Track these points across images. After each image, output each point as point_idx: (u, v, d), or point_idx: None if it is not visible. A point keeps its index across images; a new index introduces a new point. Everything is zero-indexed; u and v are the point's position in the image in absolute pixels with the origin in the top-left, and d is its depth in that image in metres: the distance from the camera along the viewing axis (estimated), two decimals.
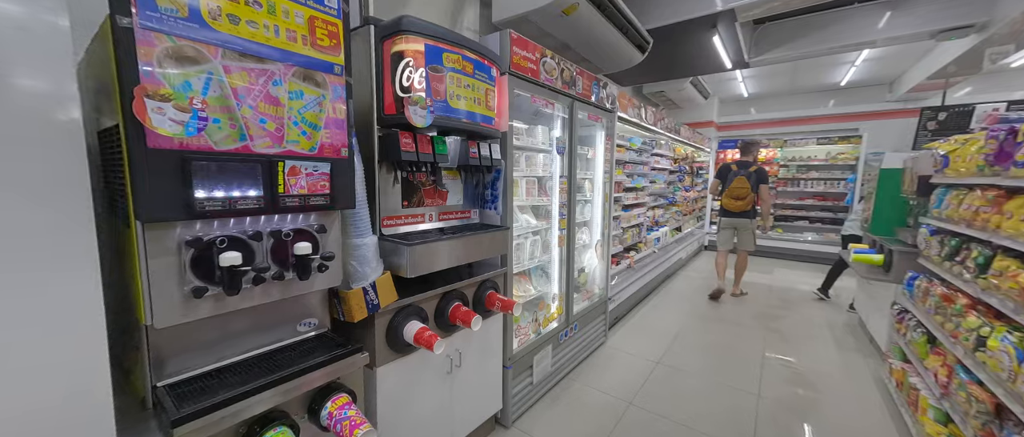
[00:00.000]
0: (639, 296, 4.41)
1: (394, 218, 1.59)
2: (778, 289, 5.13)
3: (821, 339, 3.55)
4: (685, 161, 6.84)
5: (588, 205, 3.29)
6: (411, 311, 1.55)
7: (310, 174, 1.07)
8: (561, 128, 2.61)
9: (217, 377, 1.04)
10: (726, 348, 3.32)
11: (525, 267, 2.51)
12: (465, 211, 1.96)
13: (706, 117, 7.95)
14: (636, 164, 4.66)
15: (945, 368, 1.99)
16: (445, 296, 1.70)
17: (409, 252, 1.42)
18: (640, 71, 5.30)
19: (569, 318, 2.78)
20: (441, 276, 1.75)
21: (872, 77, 6.52)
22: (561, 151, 2.54)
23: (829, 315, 4.16)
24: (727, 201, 4.54)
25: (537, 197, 2.61)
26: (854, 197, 6.39)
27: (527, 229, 2.56)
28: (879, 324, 3.21)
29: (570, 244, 2.72)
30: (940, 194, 2.47)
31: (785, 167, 7.34)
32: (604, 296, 3.31)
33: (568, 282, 2.74)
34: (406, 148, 1.43)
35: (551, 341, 2.57)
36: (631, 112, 3.79)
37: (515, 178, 2.44)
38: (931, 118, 4.68)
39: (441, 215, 1.82)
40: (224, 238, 0.95)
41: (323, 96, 1.08)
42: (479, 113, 1.67)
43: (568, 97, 2.51)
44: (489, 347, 2.03)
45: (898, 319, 2.68)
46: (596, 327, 3.20)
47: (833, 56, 5.47)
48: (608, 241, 3.35)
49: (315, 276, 1.17)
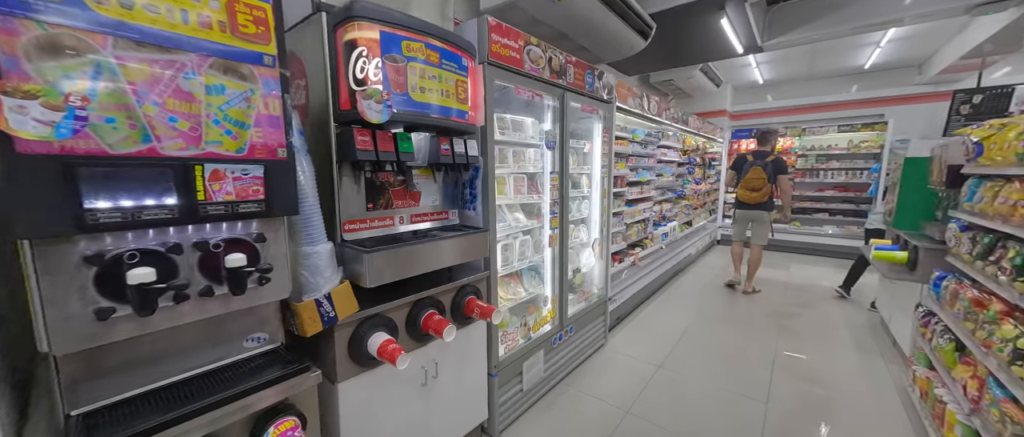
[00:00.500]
0: (644, 295, 4.23)
1: (358, 222, 1.48)
2: (795, 286, 4.87)
3: (839, 341, 3.32)
4: (696, 152, 6.56)
5: (585, 201, 3.13)
6: (378, 322, 1.45)
7: (239, 178, 0.96)
8: (551, 121, 2.46)
9: (142, 403, 0.95)
10: (735, 351, 3.14)
11: (515, 268, 2.39)
12: (442, 212, 1.84)
13: (719, 106, 7.62)
14: (640, 157, 4.46)
15: (976, 380, 1.78)
16: (417, 304, 1.59)
17: (367, 260, 1.31)
18: (645, 59, 5.06)
19: (563, 321, 2.65)
20: (416, 282, 1.65)
21: (899, 59, 6.09)
22: (551, 146, 2.39)
23: (849, 314, 3.91)
24: (742, 193, 4.37)
25: (527, 194, 2.48)
26: (878, 188, 6.02)
27: (517, 228, 2.43)
28: (903, 326, 2.97)
29: (563, 243, 2.58)
30: (972, 186, 2.23)
31: (803, 157, 6.97)
32: (603, 296, 3.16)
33: (561, 283, 2.61)
34: (363, 146, 1.31)
35: (543, 346, 2.45)
36: (632, 102, 3.59)
37: (502, 175, 2.31)
38: (965, 101, 4.32)
39: (414, 218, 1.70)
40: (135, 252, 0.85)
41: (251, 90, 0.97)
42: (451, 107, 1.54)
43: (557, 88, 2.36)
44: (471, 355, 1.92)
45: (923, 323, 2.45)
46: (594, 329, 3.06)
47: (855, 37, 5.10)
48: (607, 239, 3.19)
49: (256, 290, 1.07)
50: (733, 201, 4.63)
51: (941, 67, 5.65)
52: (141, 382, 1.00)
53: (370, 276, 1.32)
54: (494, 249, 1.96)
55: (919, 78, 6.26)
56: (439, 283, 1.70)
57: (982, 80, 5.12)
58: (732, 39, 4.29)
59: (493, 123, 1.89)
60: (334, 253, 1.30)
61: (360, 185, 1.49)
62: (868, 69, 6.50)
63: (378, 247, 1.37)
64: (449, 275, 1.83)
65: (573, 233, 3.00)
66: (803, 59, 6.10)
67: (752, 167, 4.26)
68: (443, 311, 1.70)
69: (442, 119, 1.51)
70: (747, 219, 4.48)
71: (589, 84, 2.66)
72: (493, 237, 1.93)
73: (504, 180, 2.32)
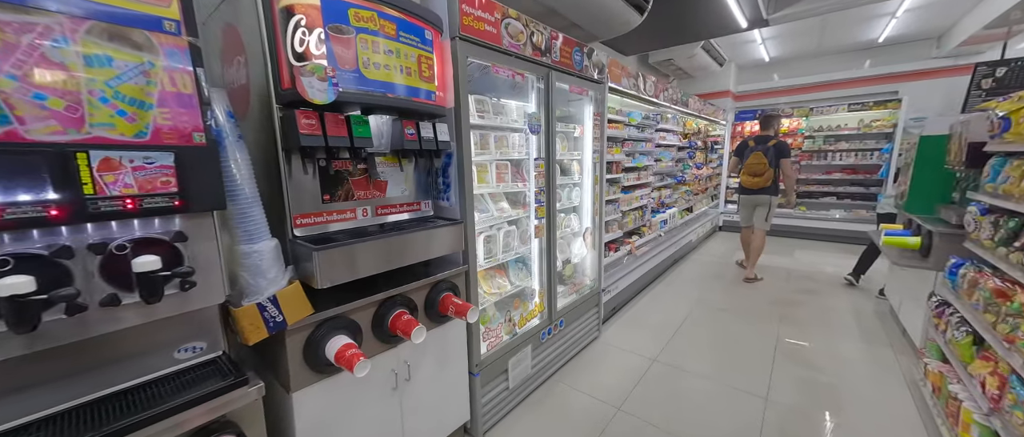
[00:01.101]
0: (641, 284, 4.10)
1: (311, 216, 1.35)
2: (799, 273, 4.70)
3: (845, 330, 3.18)
4: (697, 136, 6.33)
5: (576, 189, 2.97)
6: (338, 324, 1.33)
7: (141, 168, 0.82)
8: (536, 103, 2.28)
9: (38, 431, 0.84)
10: (734, 342, 3.01)
11: (499, 261, 2.25)
12: (413, 203, 1.69)
13: (722, 86, 7.32)
14: (637, 141, 4.27)
15: (996, 378, 1.64)
16: (385, 303, 1.47)
17: (318, 258, 1.18)
18: (643, 37, 4.81)
19: (552, 314, 2.52)
20: (386, 279, 1.52)
21: (916, 31, 5.76)
22: (535, 130, 2.22)
23: (856, 302, 3.76)
24: (745, 178, 4.32)
25: (512, 182, 2.32)
26: (889, 169, 5.78)
27: (501, 218, 2.28)
28: (913, 315, 2.82)
29: (550, 233, 2.44)
30: (996, 165, 2.04)
31: (811, 138, 6.71)
32: (597, 288, 3.03)
33: (550, 276, 2.47)
34: (308, 130, 1.16)
35: (531, 341, 2.33)
36: (626, 83, 3.38)
37: (483, 162, 2.16)
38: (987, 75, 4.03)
39: (380, 209, 1.56)
40: (7, 259, 0.72)
41: (149, 63, 0.82)
42: (414, 87, 1.38)
43: (541, 66, 2.17)
44: (450, 354, 1.80)
45: (936, 313, 2.30)
46: (587, 321, 2.93)
47: (869, 8, 4.80)
48: (601, 228, 3.04)
49: (178, 296, 0.94)
50: (737, 186, 4.60)
51: (962, 38, 5.32)
52: (34, 408, 0.88)
53: (321, 276, 1.19)
54: (472, 242, 1.82)
55: (937, 52, 5.92)
56: (413, 279, 1.58)
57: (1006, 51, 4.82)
58: (735, 12, 4.04)
59: (468, 105, 1.72)
60: (279, 251, 1.16)
61: (313, 175, 1.34)
62: (882, 43, 6.17)
63: (330, 243, 1.23)
64: (425, 270, 1.70)
65: (563, 222, 2.85)
66: (812, 33, 5.79)
67: (753, 152, 4.19)
68: (415, 310, 1.57)
69: (404, 100, 1.36)
70: (752, 204, 4.42)
71: (577, 63, 2.47)
72: (470, 229, 1.79)
73: (486, 167, 2.17)
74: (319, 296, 1.30)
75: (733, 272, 4.81)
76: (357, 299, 1.39)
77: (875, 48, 6.41)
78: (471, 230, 1.81)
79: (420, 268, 1.70)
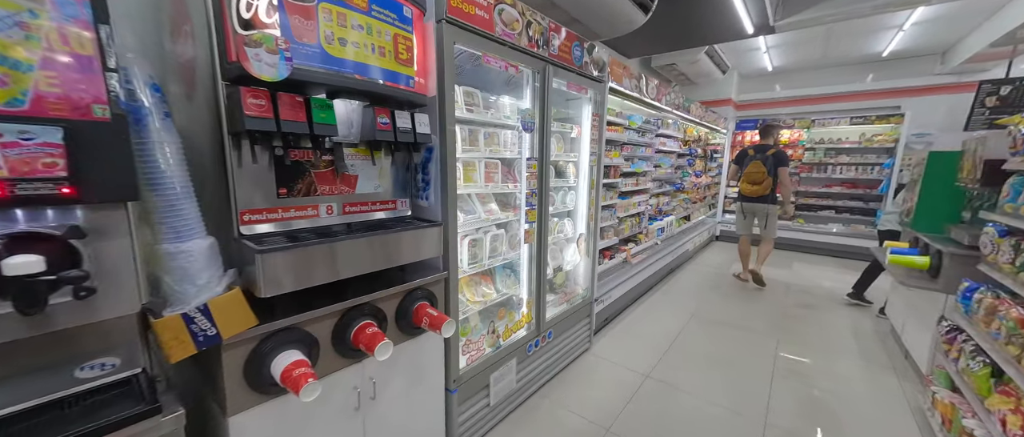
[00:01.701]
0: (636, 294, 3.95)
1: (264, 212, 1.17)
2: (797, 286, 4.58)
3: (845, 350, 3.04)
4: (697, 143, 6.20)
5: (571, 192, 2.81)
6: (290, 337, 1.15)
7: (13, 144, 0.65)
8: (531, 99, 2.12)
9: None
10: (730, 359, 2.86)
11: (485, 266, 2.09)
12: (388, 202, 1.52)
13: (723, 94, 7.22)
14: (637, 146, 4.12)
15: (1020, 416, 1.50)
16: (349, 313, 1.30)
17: (261, 261, 1.01)
18: (646, 39, 4.67)
19: (540, 325, 2.36)
20: (355, 285, 1.34)
21: (921, 46, 5.69)
22: (528, 127, 2.06)
23: (855, 320, 3.63)
24: (744, 186, 4.39)
25: (502, 183, 2.16)
26: (890, 185, 5.69)
27: (489, 221, 2.12)
28: (918, 338, 2.69)
29: (541, 239, 2.28)
30: (1017, 184, 1.91)
31: (811, 150, 6.61)
32: (589, 297, 2.87)
33: (539, 284, 2.31)
34: (256, 112, 0.99)
35: (516, 354, 2.17)
36: (628, 84, 3.24)
37: (471, 159, 1.99)
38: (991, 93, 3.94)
39: (349, 207, 1.39)
40: None
41: (31, 12, 0.65)
42: (390, 70, 1.22)
43: (537, 59, 2.02)
44: (424, 369, 1.63)
45: (947, 339, 2.16)
46: (577, 333, 2.78)
47: (875, 20, 4.71)
48: (595, 234, 2.89)
49: (72, 306, 0.77)
50: (735, 195, 4.61)
51: (967, 55, 5.25)
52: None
53: (265, 283, 1.02)
54: (454, 246, 1.66)
55: (941, 68, 5.86)
56: (387, 285, 1.41)
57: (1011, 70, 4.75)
58: (742, 17, 3.91)
59: (454, 95, 1.56)
60: (215, 252, 0.99)
61: (268, 165, 1.17)
62: (886, 57, 6.09)
63: (279, 245, 1.06)
64: (400, 276, 1.53)
65: (556, 227, 2.69)
66: (817, 43, 5.69)
67: (752, 161, 4.26)
68: (384, 321, 1.40)
69: (376, 84, 1.19)
70: (750, 212, 4.47)
71: (577, 58, 2.31)
72: (452, 232, 1.63)
73: (474, 165, 2.01)
74: (273, 304, 1.13)
75: (729, 283, 4.68)
76: (317, 308, 1.21)
77: (879, 62, 6.34)
78: (453, 233, 1.64)
79: (395, 273, 1.53)
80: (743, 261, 4.66)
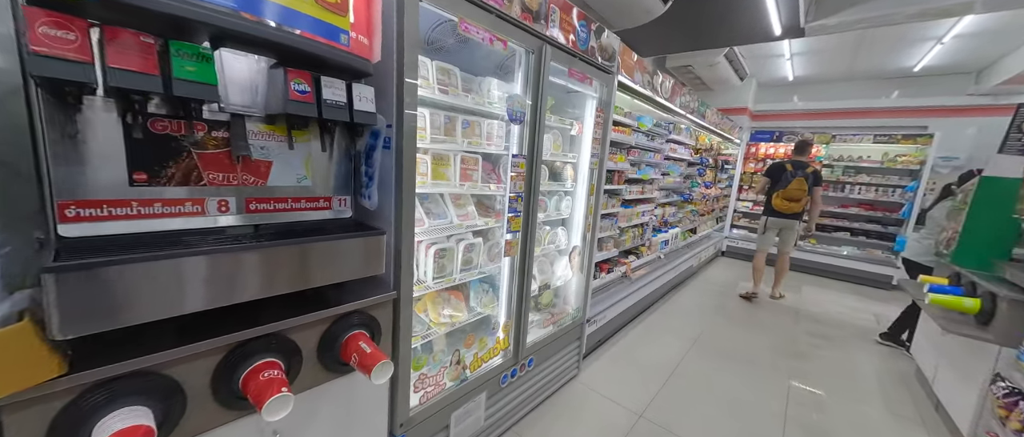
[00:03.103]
0: (634, 311, 3.60)
1: (104, 205, 0.82)
2: (807, 314, 4.22)
3: (865, 394, 2.68)
4: (709, 152, 5.83)
5: (567, 198, 2.46)
6: (131, 388, 0.81)
7: None
8: (523, 84, 1.77)
9: None
10: (736, 398, 2.51)
11: (456, 280, 1.74)
12: (317, 199, 1.17)
13: (740, 102, 6.84)
14: (645, 150, 3.76)
15: None
16: (240, 349, 0.95)
17: (49, 284, 0.66)
18: (662, 35, 4.31)
19: (519, 352, 2.01)
20: (270, 308, 1.00)
21: (955, 63, 5.30)
22: (516, 118, 1.71)
23: (872, 356, 3.27)
24: (780, 202, 4.24)
25: (482, 183, 1.81)
26: (912, 210, 5.31)
27: (463, 227, 1.77)
28: (957, 391, 2.33)
29: (526, 251, 1.92)
30: None
31: (829, 167, 6.22)
32: (580, 318, 2.52)
33: (520, 304, 1.96)
34: (58, 50, 0.64)
35: (487, 386, 1.82)
36: (640, 79, 2.87)
37: (445, 152, 1.65)
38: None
39: (254, 204, 1.04)
40: None
41: None
42: (312, 16, 0.87)
43: (532, 35, 1.66)
44: (357, 413, 1.29)
45: (1004, 404, 1.80)
46: (564, 359, 2.43)
47: (914, 30, 4.33)
48: (592, 247, 2.53)
49: None
50: (764, 209, 4.49)
51: (1005, 77, 4.87)
52: None
53: (61, 317, 0.67)
54: (407, 259, 1.31)
55: (974, 88, 5.46)
56: (312, 307, 1.06)
57: None
58: (772, 15, 3.54)
59: (414, 66, 1.21)
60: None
61: (111, 136, 0.82)
62: (917, 72, 5.70)
63: (89, 259, 0.71)
64: (338, 296, 1.19)
65: (546, 237, 2.34)
66: (846, 53, 5.31)
67: (796, 177, 4.13)
68: (295, 357, 1.05)
69: (282, 33, 0.84)
70: (781, 227, 4.38)
71: (582, 40, 1.96)
72: (405, 242, 1.28)
73: (446, 159, 1.66)
74: (111, 339, 0.79)
75: (735, 304, 4.32)
76: (196, 341, 0.87)
77: (906, 78, 5.94)
78: (407, 243, 1.30)
79: (332, 292, 1.18)
80: (756, 277, 4.54)
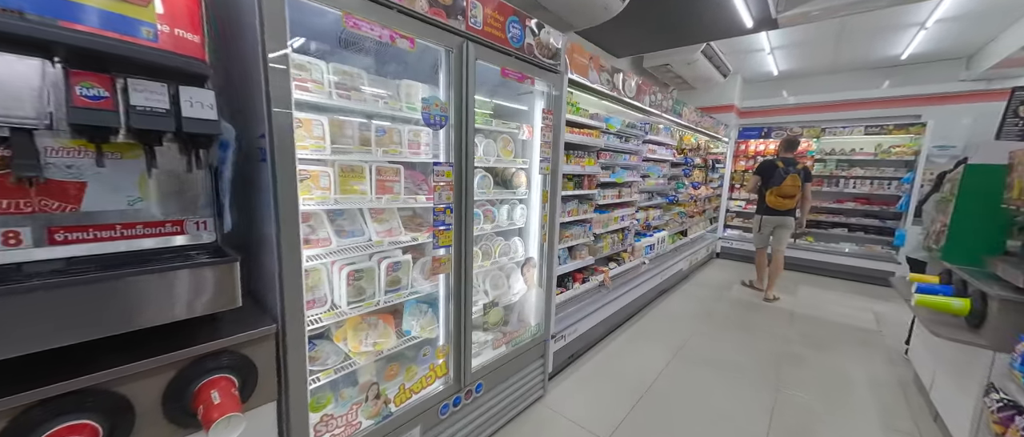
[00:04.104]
0: (615, 321, 3.41)
1: None
2: (802, 316, 4.00)
3: (860, 406, 2.47)
4: (695, 152, 5.67)
5: (521, 207, 2.31)
6: None
7: None
8: (445, 86, 1.64)
9: None
10: (717, 413, 2.31)
11: (381, 304, 1.59)
12: (165, 223, 1.01)
13: (726, 100, 6.70)
14: (618, 152, 3.61)
15: None
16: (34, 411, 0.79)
17: None
18: (634, 35, 4.19)
19: (463, 377, 1.84)
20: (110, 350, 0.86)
21: (944, 49, 5.12)
22: (435, 123, 1.56)
23: (870, 363, 3.04)
24: (774, 199, 4.25)
25: (407, 195, 1.67)
26: (909, 202, 5.09)
27: (385, 244, 1.63)
28: (953, 401, 2.12)
29: (461, 268, 1.77)
30: None
31: (821, 162, 6.02)
32: (542, 334, 2.35)
33: (461, 325, 1.80)
34: None
35: (420, 420, 1.65)
36: (596, 78, 2.73)
37: (356, 163, 1.51)
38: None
39: (62, 233, 0.88)
40: None
41: None
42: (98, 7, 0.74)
43: (447, 32, 1.53)
44: None
45: (999, 419, 1.60)
46: (525, 380, 2.25)
47: (894, 17, 4.17)
48: (550, 258, 2.37)
49: None
50: (757, 207, 4.51)
51: (995, 60, 4.69)
52: None
53: None
54: (292, 287, 1.16)
55: (966, 74, 5.28)
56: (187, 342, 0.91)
57: None
58: (739, 7, 3.41)
59: (285, 67, 1.07)
60: None
61: None
62: (905, 60, 5.53)
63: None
64: (214, 330, 1.03)
65: (497, 248, 2.19)
66: (828, 44, 5.16)
67: (789, 175, 4.13)
68: (123, 417, 0.89)
69: (43, 25, 0.70)
70: (776, 225, 4.38)
71: (514, 38, 1.82)
72: (290, 266, 1.13)
73: (359, 171, 1.52)
74: None
75: (725, 308, 4.12)
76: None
77: (897, 66, 5.77)
78: (293, 268, 1.15)
79: (199, 328, 1.03)
80: (760, 273, 4.62)
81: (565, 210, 2.91)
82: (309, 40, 1.40)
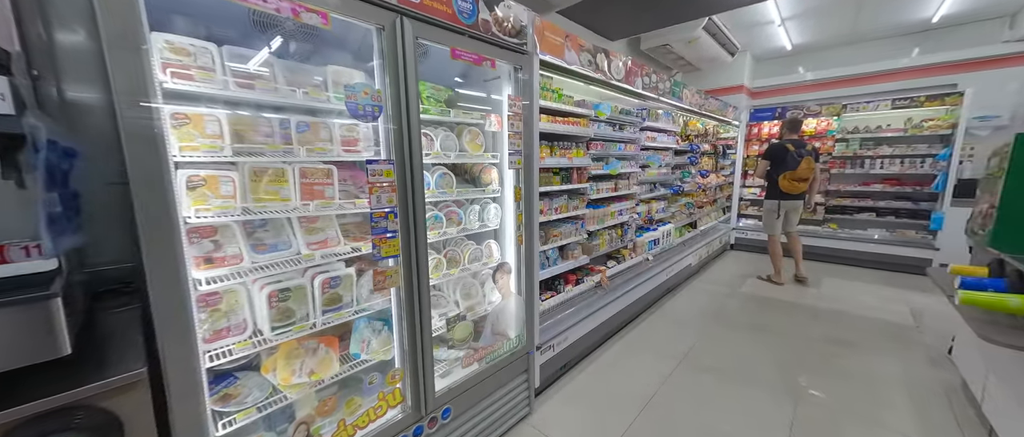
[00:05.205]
0: (614, 325, 3.14)
1: None
2: (827, 312, 3.62)
3: (895, 422, 2.13)
4: (703, 138, 5.29)
5: (494, 206, 2.07)
6: None
7: None
8: (379, 70, 1.41)
9: None
10: (727, 432, 2.02)
11: (318, 326, 1.39)
12: None
13: (735, 80, 6.25)
14: (612, 142, 3.32)
15: None
16: None
17: None
18: (627, 14, 3.87)
19: (424, 403, 1.62)
20: None
21: (981, 8, 4.59)
22: (365, 114, 1.34)
23: (907, 364, 2.67)
24: (788, 184, 4.11)
25: (344, 199, 1.46)
26: (947, 181, 4.60)
27: (318, 257, 1.42)
28: (1012, 414, 1.77)
29: (414, 280, 1.54)
30: None
31: (843, 141, 5.54)
32: (524, 346, 2.11)
33: (417, 344, 1.57)
34: None
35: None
36: (575, 58, 2.45)
37: (274, 166, 1.30)
38: None
39: None
40: None
41: None
42: None
43: (375, 5, 1.30)
44: None
45: None
46: (504, 400, 2.01)
47: None
48: (530, 262, 2.12)
49: None
50: (768, 193, 4.32)
51: None
52: None
53: None
54: (176, 318, 0.96)
55: (1009, 34, 4.70)
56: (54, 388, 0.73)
57: None
58: None
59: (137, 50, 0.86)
60: None
61: None
62: (936, 23, 4.99)
63: None
64: (66, 380, 0.85)
65: (468, 254, 1.96)
66: (846, 11, 4.69)
67: (804, 158, 4.01)
68: None
69: None
70: (791, 209, 4.27)
71: (464, 11, 1.58)
72: (168, 293, 0.93)
73: (280, 173, 1.31)
74: None
75: (737, 306, 3.78)
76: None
77: (927, 31, 5.22)
78: (172, 295, 0.95)
79: (42, 380, 0.84)
80: (776, 263, 4.39)
81: (553, 206, 2.66)
82: (204, 23, 1.19)
